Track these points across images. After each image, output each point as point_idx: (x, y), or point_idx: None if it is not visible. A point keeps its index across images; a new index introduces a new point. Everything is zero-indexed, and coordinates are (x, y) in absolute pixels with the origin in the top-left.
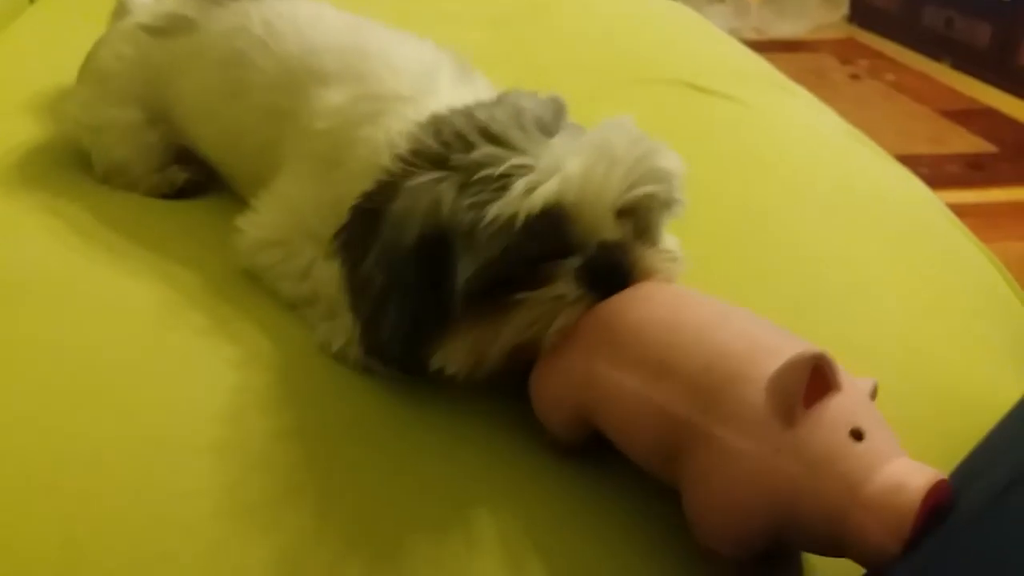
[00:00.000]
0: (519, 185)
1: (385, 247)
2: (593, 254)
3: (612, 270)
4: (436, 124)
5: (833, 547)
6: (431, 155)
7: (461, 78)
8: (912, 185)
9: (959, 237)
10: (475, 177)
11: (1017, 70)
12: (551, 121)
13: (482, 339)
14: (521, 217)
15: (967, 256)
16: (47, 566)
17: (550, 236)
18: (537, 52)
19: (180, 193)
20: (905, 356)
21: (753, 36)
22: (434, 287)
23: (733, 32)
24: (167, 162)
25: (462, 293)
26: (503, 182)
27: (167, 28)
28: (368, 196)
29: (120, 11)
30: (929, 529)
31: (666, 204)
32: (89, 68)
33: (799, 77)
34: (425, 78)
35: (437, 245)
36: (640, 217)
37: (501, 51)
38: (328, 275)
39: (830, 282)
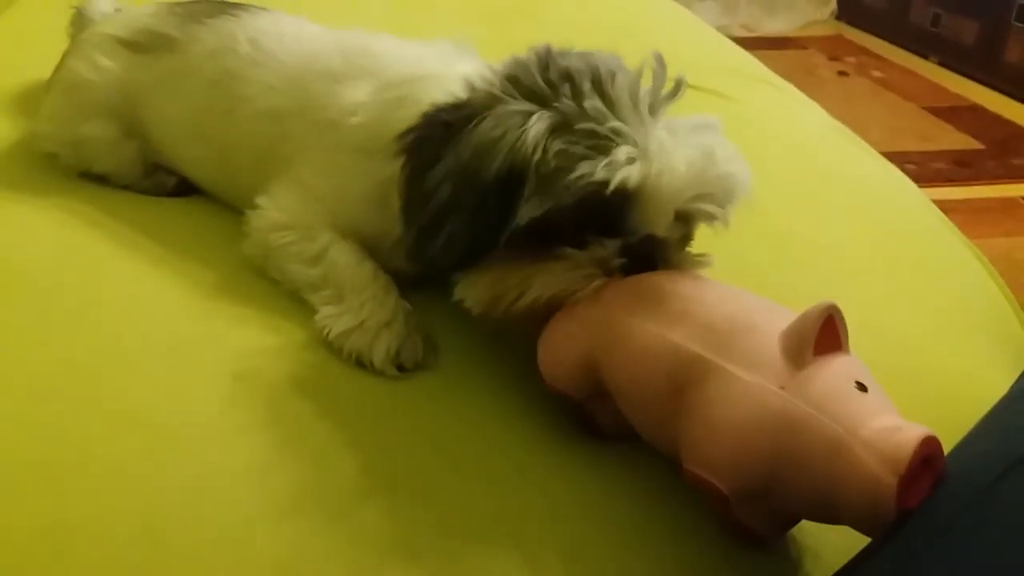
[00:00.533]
0: (620, 155)
1: (461, 167)
2: (637, 241)
3: (649, 262)
4: (544, 59)
5: (828, 492)
6: (531, 88)
7: (470, 56)
8: (899, 181)
9: (946, 233)
10: (576, 126)
11: (1004, 67)
12: (657, 103)
13: (511, 281)
14: (612, 186)
15: (954, 252)
16: (38, 562)
17: (614, 211)
18: (529, 46)
19: (173, 192)
20: (892, 351)
21: (742, 33)
22: (494, 216)
23: (722, 29)
24: (152, 169)
25: (515, 230)
26: (601, 143)
27: (146, 44)
28: (446, 109)
29: (79, 21)
30: (921, 490)
31: (721, 221)
32: (60, 79)
33: (787, 74)
34: (439, 58)
35: (512, 177)
36: (691, 223)
37: (494, 46)
38: (343, 261)
39: (816, 275)
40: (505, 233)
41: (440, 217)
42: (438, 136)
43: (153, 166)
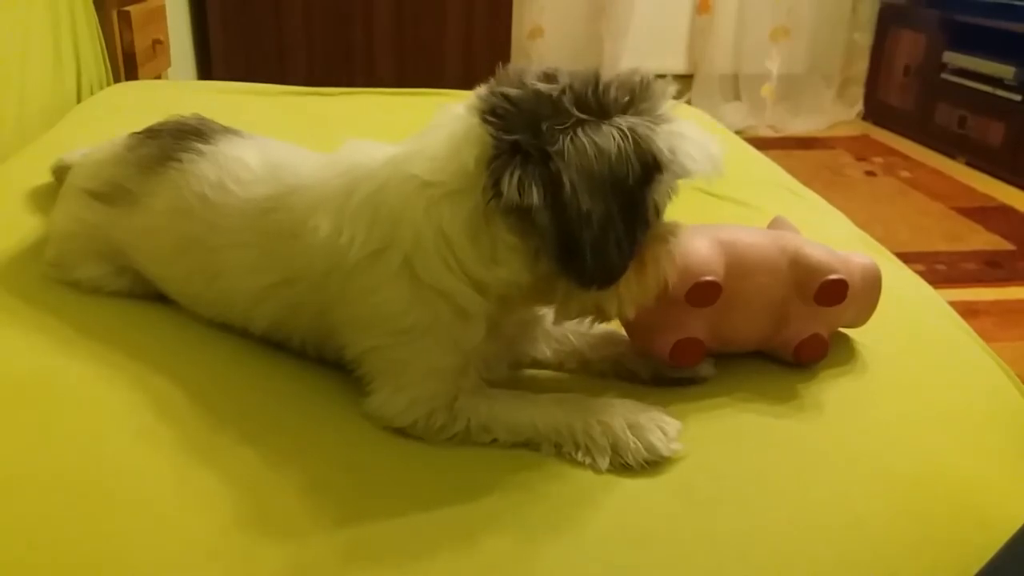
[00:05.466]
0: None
1: (599, 181)
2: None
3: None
4: (592, 78)
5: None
6: (610, 102)
7: (374, 145)
8: (921, 289)
9: (968, 342)
10: (664, 127)
11: None
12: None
13: (640, 275)
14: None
15: (976, 361)
16: None
17: None
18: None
19: None
20: (916, 466)
21: (769, 133)
22: (640, 213)
23: (749, 129)
24: (148, 292)
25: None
26: (679, 139)
27: (112, 196)
28: (523, 137)
29: (60, 169)
30: None
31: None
32: (52, 231)
33: (815, 173)
34: (371, 150)
35: (645, 175)
36: None
37: None
38: (505, 410)
39: (839, 388)
40: (645, 227)
41: (604, 232)
42: (531, 168)
43: (152, 287)
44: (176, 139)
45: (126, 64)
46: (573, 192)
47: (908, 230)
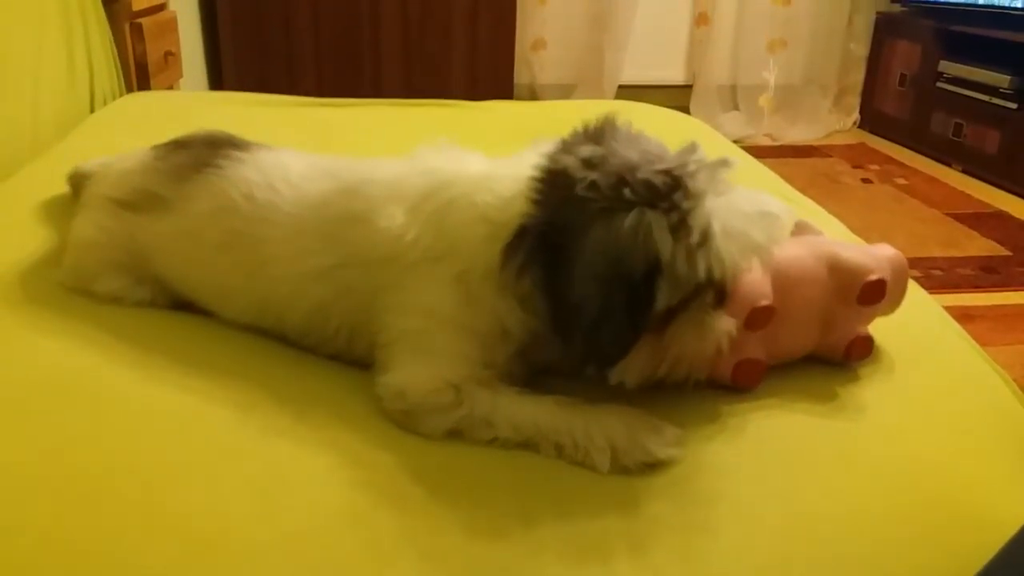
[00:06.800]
0: (735, 251)
1: (604, 272)
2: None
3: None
4: (633, 168)
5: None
6: (634, 193)
7: (471, 155)
8: (918, 296)
9: (964, 346)
10: (686, 223)
11: None
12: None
13: (661, 356)
14: (733, 276)
15: (972, 366)
16: None
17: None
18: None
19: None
20: (911, 470)
21: (767, 142)
22: (644, 307)
23: (747, 138)
24: (170, 302)
25: (655, 315)
26: (707, 239)
27: (141, 204)
28: (543, 222)
29: (77, 177)
30: None
31: None
32: (72, 240)
33: (812, 181)
34: (450, 160)
35: (649, 272)
36: None
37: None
38: (515, 410)
39: (834, 392)
40: (650, 319)
41: (600, 321)
42: (546, 249)
43: (171, 298)
44: (211, 148)
45: (138, 75)
46: (574, 282)
47: (904, 236)
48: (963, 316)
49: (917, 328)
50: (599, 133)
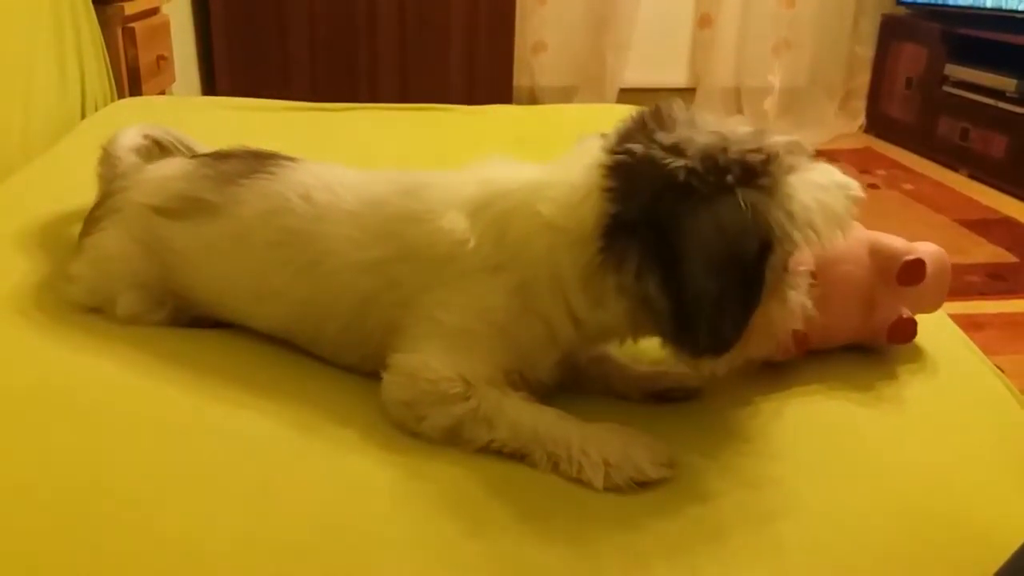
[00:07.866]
0: (825, 224)
1: (718, 260)
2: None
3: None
4: (720, 150)
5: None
6: (733, 176)
7: (523, 165)
8: None
9: (969, 356)
10: (788, 199)
11: None
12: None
13: (765, 320)
14: (824, 241)
15: (977, 376)
16: None
17: None
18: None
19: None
20: (916, 481)
21: None
22: (756, 284)
23: None
24: (188, 320)
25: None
26: (805, 213)
27: (183, 211)
28: (633, 218)
29: (107, 160)
30: None
31: None
32: (91, 247)
33: None
34: (510, 169)
35: (760, 253)
36: None
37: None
38: (522, 416)
39: (838, 402)
40: (760, 292)
41: (720, 307)
42: (647, 239)
43: (189, 317)
44: (259, 158)
45: (130, 80)
46: (692, 273)
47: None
48: (970, 324)
49: (922, 338)
50: (659, 119)
